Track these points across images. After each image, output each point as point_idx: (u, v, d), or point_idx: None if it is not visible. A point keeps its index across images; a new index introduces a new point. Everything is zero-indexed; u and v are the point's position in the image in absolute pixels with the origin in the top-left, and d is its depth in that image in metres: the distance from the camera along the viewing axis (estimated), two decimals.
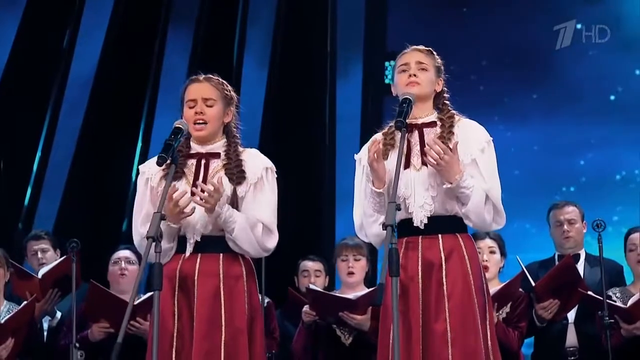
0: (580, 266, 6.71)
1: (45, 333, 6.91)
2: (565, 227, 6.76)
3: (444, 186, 4.73)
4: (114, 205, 9.46)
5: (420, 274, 4.74)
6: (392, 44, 10.20)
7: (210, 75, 5.08)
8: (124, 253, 6.88)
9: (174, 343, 4.78)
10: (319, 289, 6.54)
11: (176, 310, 4.81)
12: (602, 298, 6.16)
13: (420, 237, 4.78)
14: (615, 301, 6.31)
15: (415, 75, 4.91)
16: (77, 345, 6.27)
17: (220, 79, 5.10)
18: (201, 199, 4.73)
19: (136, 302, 6.52)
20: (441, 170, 4.70)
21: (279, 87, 9.68)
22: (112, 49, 9.68)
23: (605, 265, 6.74)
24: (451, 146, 4.72)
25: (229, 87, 5.11)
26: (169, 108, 9.69)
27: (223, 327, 4.76)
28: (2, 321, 6.27)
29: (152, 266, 4.49)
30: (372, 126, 9.76)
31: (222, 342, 4.74)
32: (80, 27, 9.64)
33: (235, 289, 4.84)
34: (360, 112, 9.90)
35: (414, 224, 4.78)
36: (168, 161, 4.70)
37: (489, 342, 4.75)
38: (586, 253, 6.88)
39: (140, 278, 4.72)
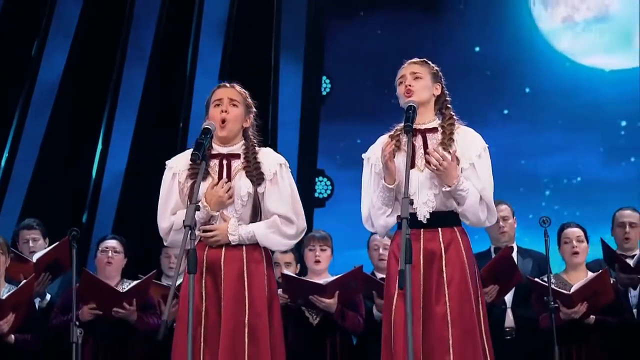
0: (513, 257, 6.85)
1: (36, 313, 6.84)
2: (501, 223, 6.89)
3: (443, 189, 4.87)
4: (75, 199, 9.44)
5: (421, 262, 4.84)
6: (327, 61, 10.52)
7: (235, 84, 5.21)
8: (112, 243, 6.92)
9: (202, 320, 4.85)
10: (292, 275, 6.64)
11: (204, 291, 4.89)
12: (547, 284, 6.35)
13: (422, 229, 4.88)
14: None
15: (410, 85, 5.04)
16: (77, 323, 6.22)
17: (243, 89, 5.21)
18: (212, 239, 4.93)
19: (124, 289, 6.62)
20: (441, 174, 4.84)
21: None
22: (77, 58, 9.62)
23: (534, 255, 7.04)
24: (451, 153, 4.87)
25: (249, 97, 5.22)
26: (127, 113, 9.77)
27: (247, 307, 4.86)
28: (4, 297, 6.24)
29: (189, 252, 4.53)
30: (310, 132, 10.11)
31: (246, 320, 4.84)
32: (48, 37, 9.59)
33: (256, 272, 4.95)
34: (299, 120, 10.09)
35: (418, 219, 4.88)
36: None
37: (482, 324, 4.88)
38: (517, 246, 7.08)
39: (179, 263, 4.67)
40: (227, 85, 5.19)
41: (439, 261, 4.87)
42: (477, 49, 10.54)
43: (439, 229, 4.93)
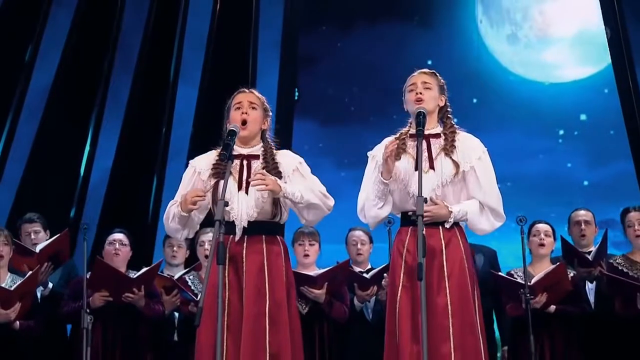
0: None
1: (38, 301, 6.82)
2: None
3: (445, 224, 4.95)
4: (63, 196, 9.43)
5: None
6: (301, 76, 10.69)
7: (253, 90, 5.27)
8: (119, 236, 6.92)
9: (226, 309, 4.84)
10: None
11: (227, 281, 4.89)
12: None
13: (424, 227, 4.80)
14: (516, 279, 6.60)
15: (421, 93, 5.08)
16: (88, 310, 6.31)
17: (260, 94, 5.25)
18: (262, 184, 4.84)
19: (134, 276, 6.67)
20: (434, 220, 4.92)
21: (207, 103, 9.88)
22: (68, 64, 9.60)
23: (484, 251, 7.12)
24: (436, 201, 4.95)
25: (266, 102, 5.25)
26: (114, 116, 9.78)
27: (267, 296, 4.88)
28: (13, 288, 6.29)
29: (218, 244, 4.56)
30: (284, 134, 10.22)
31: (267, 308, 4.85)
32: (40, 44, 9.54)
33: (275, 264, 4.96)
34: (274, 124, 10.17)
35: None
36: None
37: (477, 315, 4.91)
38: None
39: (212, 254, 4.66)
40: (246, 90, 5.22)
41: (439, 257, 4.90)
42: (430, 62, 10.67)
43: (440, 227, 4.97)
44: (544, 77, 10.69)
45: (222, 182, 4.94)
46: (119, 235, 6.93)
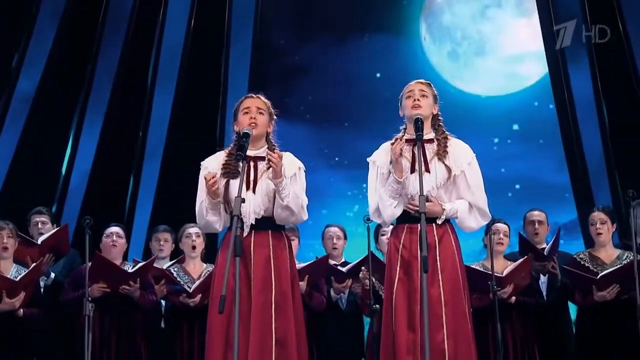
0: None
1: (41, 291, 6.79)
2: None
3: (437, 220, 5.07)
4: (46, 193, 9.35)
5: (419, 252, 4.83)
6: (272, 89, 10.72)
7: (259, 95, 5.32)
8: (115, 229, 6.92)
9: (237, 298, 4.81)
10: None
11: (237, 272, 4.85)
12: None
13: (419, 224, 4.81)
14: None
15: (418, 100, 5.18)
16: (90, 299, 6.26)
17: (267, 99, 5.30)
18: (274, 163, 4.94)
19: (131, 269, 6.66)
20: (428, 215, 4.93)
21: (181, 108, 9.90)
22: (52, 70, 9.54)
23: None
24: (431, 199, 5.05)
25: (271, 107, 5.31)
26: (94, 120, 9.73)
27: (273, 286, 4.95)
28: (18, 279, 6.29)
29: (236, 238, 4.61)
30: None
31: (273, 298, 4.94)
32: (27, 51, 9.45)
33: (281, 257, 5.03)
34: None
35: (415, 215, 4.95)
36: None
37: (467, 305, 5.03)
38: None
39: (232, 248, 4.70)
40: (254, 96, 5.27)
41: (433, 251, 4.98)
42: (378, 74, 10.87)
43: (433, 224, 5.07)
44: (481, 91, 10.89)
45: (232, 181, 5.07)
46: (115, 229, 6.93)
